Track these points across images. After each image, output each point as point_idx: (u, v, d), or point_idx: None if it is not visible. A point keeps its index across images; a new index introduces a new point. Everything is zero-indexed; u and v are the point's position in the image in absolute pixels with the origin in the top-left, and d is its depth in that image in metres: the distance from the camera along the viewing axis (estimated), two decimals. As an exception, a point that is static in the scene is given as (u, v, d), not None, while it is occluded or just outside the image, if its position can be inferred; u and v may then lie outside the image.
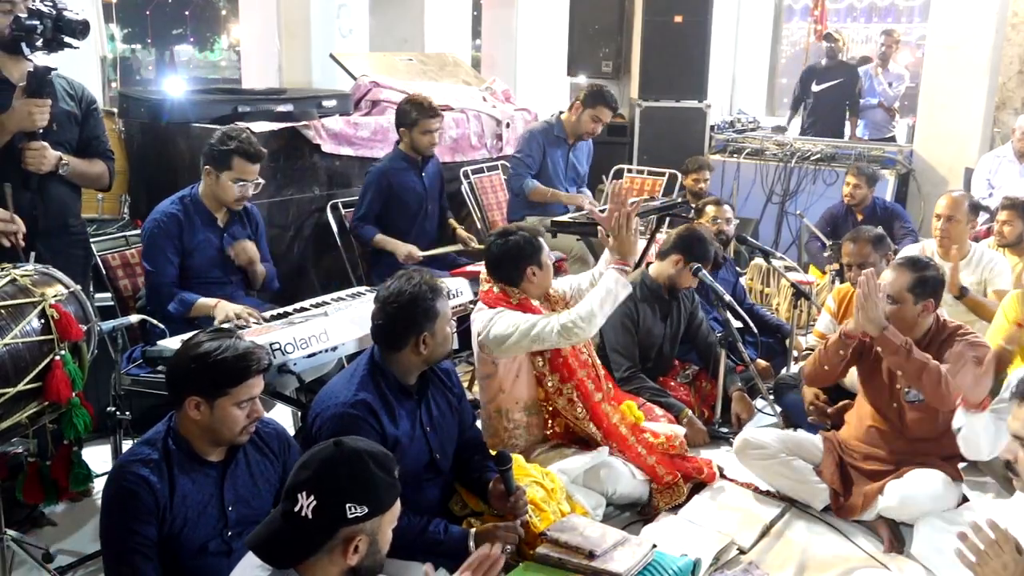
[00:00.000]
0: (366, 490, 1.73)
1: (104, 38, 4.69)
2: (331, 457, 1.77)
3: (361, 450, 1.78)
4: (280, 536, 1.76)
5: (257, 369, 2.20)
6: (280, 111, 4.73)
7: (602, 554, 2.54)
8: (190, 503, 2.17)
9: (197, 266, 3.36)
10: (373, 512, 1.74)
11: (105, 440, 2.98)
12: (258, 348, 2.25)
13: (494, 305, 3.19)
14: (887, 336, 2.98)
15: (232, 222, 3.46)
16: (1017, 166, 5.61)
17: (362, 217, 4.40)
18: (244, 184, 3.32)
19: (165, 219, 3.30)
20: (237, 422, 2.18)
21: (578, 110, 4.92)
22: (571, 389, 3.19)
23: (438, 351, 2.65)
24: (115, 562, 2.12)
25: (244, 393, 2.17)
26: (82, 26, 2.90)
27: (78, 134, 3.10)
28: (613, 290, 3.11)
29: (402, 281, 2.63)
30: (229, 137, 3.31)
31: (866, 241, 3.90)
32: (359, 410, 2.50)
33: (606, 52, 7.63)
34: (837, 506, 3.18)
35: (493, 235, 3.34)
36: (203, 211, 3.38)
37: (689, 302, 4.07)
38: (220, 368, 2.15)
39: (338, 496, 1.72)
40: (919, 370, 2.96)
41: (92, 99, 3.19)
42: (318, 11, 5.81)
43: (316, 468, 1.76)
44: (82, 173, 3.09)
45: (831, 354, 3.22)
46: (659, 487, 3.21)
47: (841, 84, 7.54)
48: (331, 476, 1.74)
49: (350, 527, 1.73)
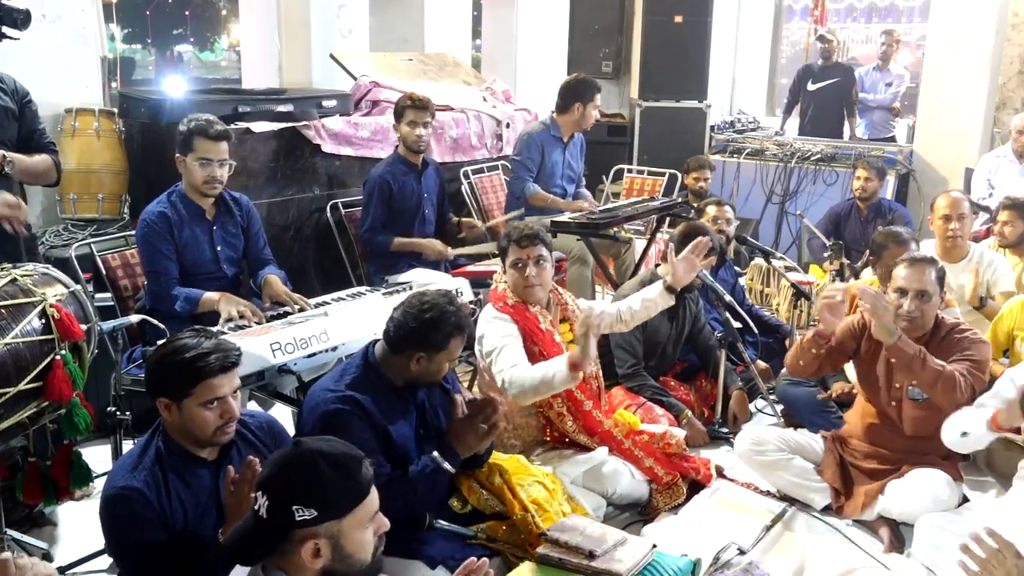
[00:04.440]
0: (315, 492, 1.68)
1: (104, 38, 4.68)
2: (284, 457, 1.75)
3: (317, 451, 1.73)
4: (244, 534, 1.75)
5: (216, 368, 2.15)
6: (280, 111, 4.73)
7: (602, 554, 2.54)
8: (188, 504, 2.17)
9: (190, 262, 3.35)
10: (324, 516, 1.68)
11: (105, 440, 2.98)
12: (222, 346, 2.20)
13: (496, 303, 3.20)
14: (900, 346, 2.96)
15: (220, 214, 3.43)
16: (1017, 166, 5.60)
17: (371, 227, 4.38)
18: (208, 163, 3.28)
19: (154, 218, 3.29)
20: (207, 422, 2.16)
21: (579, 109, 4.91)
22: (561, 403, 3.17)
23: (426, 377, 2.62)
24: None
25: (207, 393, 2.14)
26: (23, 16, 2.85)
27: (17, 130, 3.04)
28: (556, 379, 2.89)
29: (441, 298, 2.61)
30: (189, 119, 3.31)
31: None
32: (347, 404, 2.49)
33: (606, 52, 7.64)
34: (837, 506, 3.18)
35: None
36: (190, 205, 3.36)
37: (695, 304, 4.07)
38: (178, 369, 2.13)
39: (285, 497, 1.68)
40: (934, 378, 2.95)
41: (25, 92, 3.12)
42: (318, 11, 5.80)
43: (271, 468, 1.75)
44: (28, 170, 3.01)
45: (805, 351, 3.23)
46: (659, 487, 3.21)
47: (837, 84, 7.53)
48: (281, 477, 1.71)
49: (302, 529, 1.68)
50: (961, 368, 2.98)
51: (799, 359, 3.27)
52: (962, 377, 2.95)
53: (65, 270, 2.72)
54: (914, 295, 3.08)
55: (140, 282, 3.47)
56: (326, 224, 4.64)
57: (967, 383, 2.95)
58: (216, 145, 3.29)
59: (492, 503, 2.76)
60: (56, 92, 4.22)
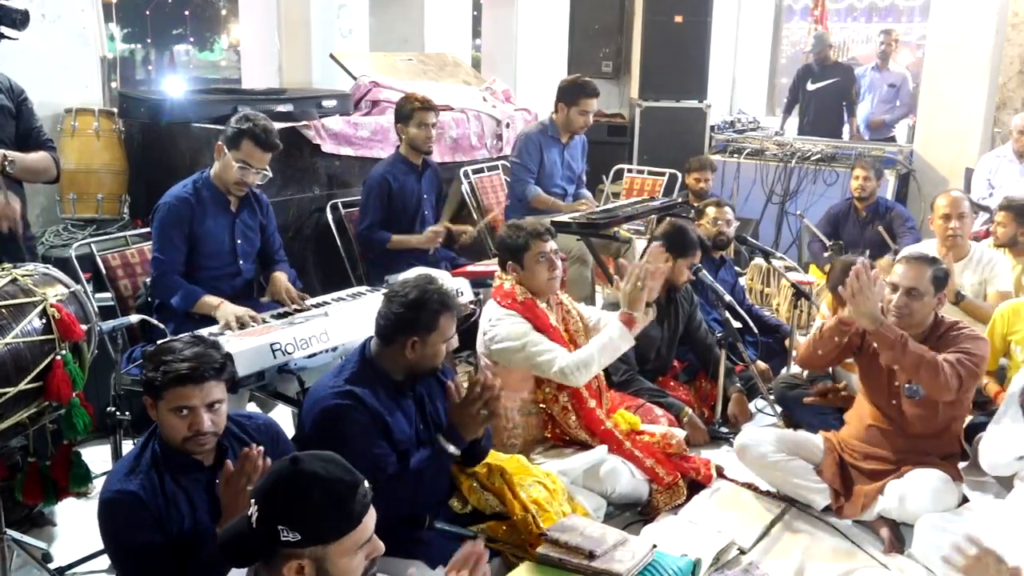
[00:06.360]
0: (301, 518, 1.63)
1: (104, 38, 4.68)
2: (280, 473, 1.70)
3: (312, 474, 1.67)
4: (235, 535, 1.73)
5: (184, 377, 2.13)
6: (280, 111, 4.73)
7: (602, 554, 2.54)
8: (184, 507, 2.17)
9: (208, 253, 3.34)
10: (309, 540, 1.63)
11: (105, 440, 2.98)
12: (203, 357, 2.17)
13: (502, 301, 3.19)
14: (882, 331, 2.97)
15: (243, 207, 3.43)
16: (1017, 166, 5.61)
17: (369, 225, 4.37)
18: (246, 169, 3.28)
19: (177, 203, 3.26)
20: (175, 429, 2.15)
21: (563, 110, 4.92)
22: (567, 398, 3.19)
23: (424, 363, 2.62)
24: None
25: (175, 400, 2.13)
26: (21, 16, 2.84)
27: (15, 128, 3.04)
28: (615, 340, 3.12)
29: (420, 281, 2.64)
30: (247, 119, 3.28)
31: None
32: (346, 399, 2.50)
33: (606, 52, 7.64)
34: (837, 506, 3.18)
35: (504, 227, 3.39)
36: (215, 193, 3.34)
37: (687, 304, 4.06)
38: (154, 370, 2.15)
39: (274, 515, 1.64)
40: (916, 363, 2.96)
41: (21, 90, 3.12)
42: (318, 11, 5.80)
43: (266, 480, 1.71)
44: (28, 168, 3.01)
45: (826, 339, 3.22)
46: (660, 487, 3.21)
47: (837, 84, 7.53)
48: (272, 493, 1.67)
49: (286, 549, 1.65)
50: (950, 357, 2.98)
51: (817, 348, 3.25)
52: (947, 364, 2.95)
53: (65, 270, 2.72)
54: (903, 292, 3.09)
55: (140, 282, 3.47)
56: (326, 224, 4.64)
57: (953, 371, 2.95)
58: (263, 155, 3.30)
59: (492, 503, 2.76)
60: (56, 92, 4.22)
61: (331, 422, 2.47)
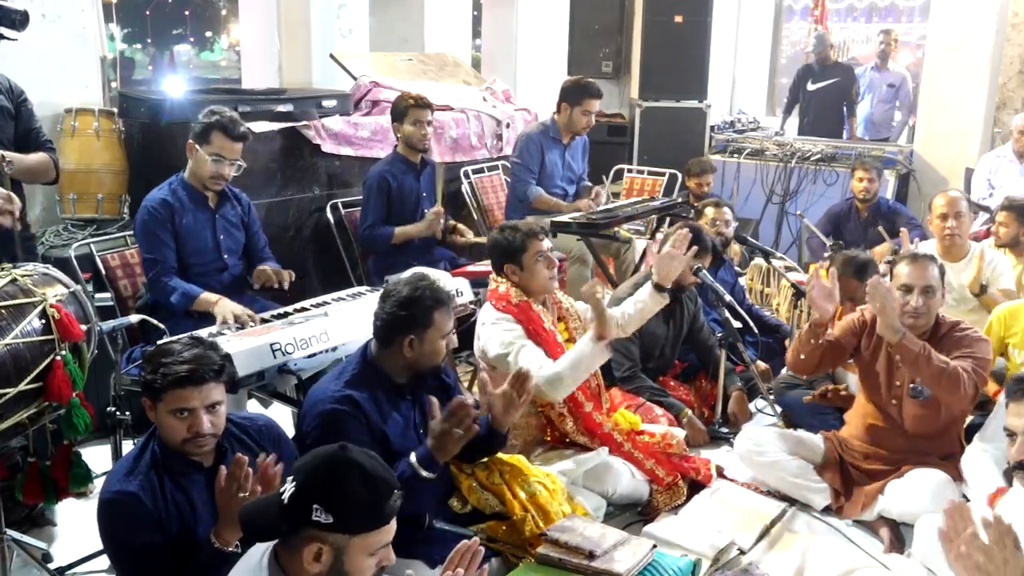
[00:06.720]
0: (339, 501, 1.67)
1: (104, 38, 4.68)
2: (325, 454, 1.75)
3: (358, 463, 1.72)
4: (262, 509, 1.76)
5: (184, 379, 2.13)
6: (280, 111, 4.73)
7: (602, 554, 2.54)
8: (184, 508, 2.17)
9: (192, 250, 3.35)
10: (339, 526, 1.67)
11: (105, 440, 2.98)
12: (202, 358, 2.17)
13: (497, 304, 3.19)
14: (905, 344, 2.95)
15: (222, 203, 3.45)
16: (1017, 166, 5.60)
17: (372, 224, 4.37)
18: (220, 160, 3.30)
19: (155, 205, 3.29)
20: (174, 431, 2.15)
21: (566, 110, 4.92)
22: (562, 403, 3.17)
23: (424, 360, 2.61)
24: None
25: (175, 402, 2.14)
26: (21, 16, 2.84)
27: (14, 129, 3.05)
28: (588, 357, 3.00)
29: (411, 279, 2.63)
30: (213, 112, 3.32)
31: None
32: (345, 405, 2.49)
33: (606, 52, 7.63)
34: (837, 506, 3.18)
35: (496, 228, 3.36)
36: (192, 192, 3.36)
37: (692, 304, 4.07)
38: (153, 371, 2.15)
39: (311, 493, 1.67)
40: (939, 374, 2.95)
41: (20, 90, 3.13)
42: (318, 11, 5.80)
43: (310, 459, 1.75)
44: (27, 168, 3.02)
45: (804, 343, 3.23)
46: (660, 488, 3.21)
47: (837, 84, 7.52)
48: (314, 471, 1.71)
49: (312, 530, 1.68)
50: (966, 365, 2.98)
51: (799, 353, 3.26)
52: (966, 374, 2.95)
53: (65, 270, 2.72)
54: (920, 291, 3.08)
55: (140, 282, 3.47)
56: (326, 224, 4.63)
57: (971, 380, 2.96)
58: (234, 145, 3.32)
59: (492, 503, 2.76)
60: (56, 92, 4.22)
61: (328, 426, 2.46)
